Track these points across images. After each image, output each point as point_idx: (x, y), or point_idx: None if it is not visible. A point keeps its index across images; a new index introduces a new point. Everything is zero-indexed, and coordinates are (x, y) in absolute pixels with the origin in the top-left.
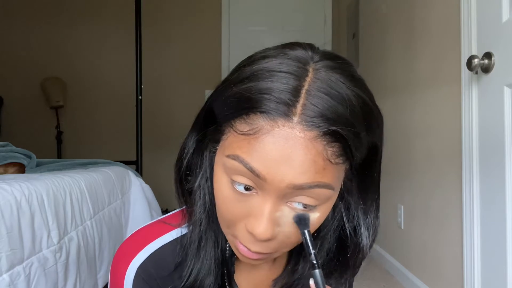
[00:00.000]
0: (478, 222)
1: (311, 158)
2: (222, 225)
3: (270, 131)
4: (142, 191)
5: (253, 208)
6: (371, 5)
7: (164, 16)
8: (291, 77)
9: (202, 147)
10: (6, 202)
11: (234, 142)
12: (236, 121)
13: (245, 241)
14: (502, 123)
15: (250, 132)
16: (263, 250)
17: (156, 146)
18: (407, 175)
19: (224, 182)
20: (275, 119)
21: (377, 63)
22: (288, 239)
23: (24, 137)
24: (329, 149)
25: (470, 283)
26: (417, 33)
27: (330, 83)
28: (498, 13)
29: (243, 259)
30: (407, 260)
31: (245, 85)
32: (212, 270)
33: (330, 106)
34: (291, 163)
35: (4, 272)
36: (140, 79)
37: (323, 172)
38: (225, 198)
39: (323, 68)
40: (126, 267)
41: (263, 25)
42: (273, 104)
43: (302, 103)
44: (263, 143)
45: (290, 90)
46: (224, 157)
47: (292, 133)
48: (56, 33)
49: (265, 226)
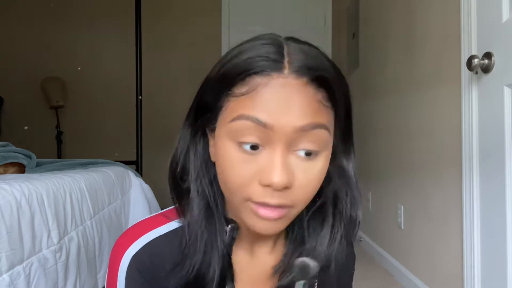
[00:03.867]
0: (478, 222)
1: (307, 101)
2: (233, 193)
3: (268, 84)
4: (142, 191)
5: (263, 162)
6: (371, 5)
7: (164, 16)
8: (271, 45)
9: (194, 144)
10: (6, 202)
11: (235, 106)
12: (233, 89)
13: (263, 197)
14: (502, 123)
15: (250, 89)
16: (282, 201)
17: (156, 146)
18: (407, 175)
19: (231, 148)
20: (269, 74)
21: (377, 63)
22: (303, 188)
23: (24, 137)
24: (318, 93)
25: (470, 283)
26: (417, 33)
27: (302, 47)
28: (498, 13)
29: (262, 226)
30: (407, 260)
31: (232, 60)
32: (215, 263)
33: (310, 60)
34: (291, 108)
35: (4, 272)
36: (140, 79)
37: (318, 113)
38: (235, 162)
39: (292, 41)
40: (121, 256)
41: (263, 25)
42: (265, 63)
43: (287, 60)
44: (263, 94)
45: (274, 52)
46: (227, 124)
47: (286, 82)
48: (56, 33)
49: (280, 172)
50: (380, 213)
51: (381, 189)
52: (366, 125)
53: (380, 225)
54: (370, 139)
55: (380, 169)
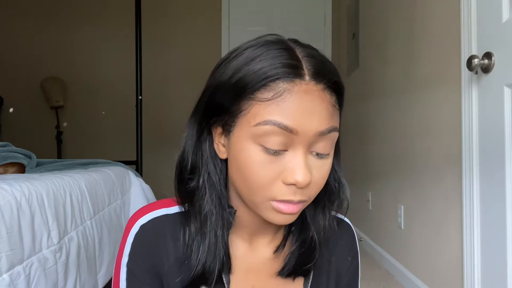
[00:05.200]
0: (478, 222)
1: (326, 107)
2: (255, 192)
3: (292, 90)
4: (142, 191)
5: (287, 163)
6: (371, 5)
7: (164, 16)
8: (285, 51)
9: (200, 143)
10: (6, 202)
11: (260, 110)
12: (256, 93)
13: (286, 195)
14: (502, 123)
15: (276, 95)
16: (303, 197)
17: (156, 146)
18: (407, 175)
19: (255, 150)
20: (293, 80)
21: (377, 63)
22: (317, 184)
23: (24, 137)
24: (332, 97)
25: (470, 283)
26: (417, 33)
27: (308, 51)
28: (498, 13)
29: (282, 219)
30: (407, 260)
31: (251, 65)
32: (218, 257)
33: (322, 65)
34: (314, 113)
35: (4, 272)
36: (140, 79)
37: (334, 117)
38: (258, 164)
39: (296, 44)
40: (132, 225)
41: (263, 25)
42: (286, 69)
43: (304, 65)
44: (289, 101)
45: (292, 58)
46: (251, 128)
47: (309, 88)
48: (56, 33)
49: (304, 172)
50: (380, 213)
51: (381, 189)
52: (366, 125)
53: (380, 225)
54: (370, 139)
55: (380, 169)
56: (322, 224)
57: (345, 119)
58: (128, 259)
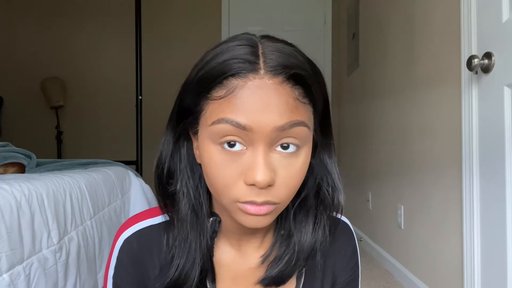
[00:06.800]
0: (478, 222)
1: (284, 100)
2: (220, 194)
3: (245, 86)
4: (142, 191)
5: (246, 162)
6: (371, 5)
7: (164, 16)
8: (246, 46)
9: (178, 148)
10: (6, 202)
11: (214, 109)
12: (212, 92)
13: (249, 196)
14: (502, 123)
15: (228, 92)
16: (268, 198)
17: (156, 146)
18: (407, 175)
19: (214, 150)
20: (246, 75)
21: (377, 63)
22: (286, 185)
23: (24, 137)
24: (295, 91)
25: (470, 283)
26: (417, 33)
27: (277, 46)
28: (498, 13)
29: (252, 221)
30: (407, 260)
31: (210, 63)
32: (197, 264)
33: (284, 58)
34: (270, 108)
35: (4, 272)
36: (140, 79)
37: (296, 111)
38: (218, 163)
39: (267, 40)
40: (118, 238)
41: (263, 25)
42: (241, 65)
43: (262, 60)
44: (241, 97)
45: (249, 53)
46: (208, 127)
47: (263, 82)
48: (56, 33)
49: (263, 171)
50: (380, 213)
51: (381, 189)
52: (366, 125)
53: (380, 225)
54: (370, 138)
55: (380, 169)
56: (311, 232)
57: (345, 119)
58: (114, 272)
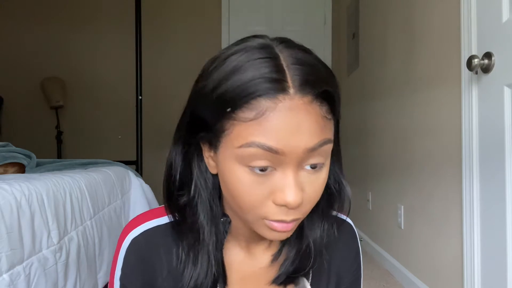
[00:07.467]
0: (478, 222)
1: (315, 120)
2: (246, 212)
3: (276, 108)
4: (142, 191)
5: (276, 183)
6: (371, 5)
7: (164, 16)
8: (269, 60)
9: (189, 158)
10: (6, 202)
11: (242, 131)
12: (238, 112)
13: (278, 215)
14: (502, 123)
15: (258, 115)
16: (296, 216)
17: (156, 146)
18: (407, 175)
19: (241, 171)
20: (275, 96)
21: (377, 63)
22: (311, 200)
23: (24, 137)
24: (323, 108)
25: (470, 283)
26: (417, 33)
27: (298, 56)
28: (498, 13)
29: (277, 236)
30: (407, 260)
31: (232, 79)
32: (211, 269)
33: (310, 74)
34: (301, 129)
35: (4, 272)
36: (140, 79)
37: (324, 129)
38: (246, 185)
39: (285, 48)
40: (124, 238)
41: (263, 25)
42: (269, 84)
43: (289, 77)
44: (273, 120)
45: (275, 70)
46: (235, 149)
47: (293, 103)
48: (56, 33)
49: (295, 193)
50: (380, 213)
51: (381, 189)
52: (366, 125)
53: (380, 225)
54: (370, 139)
55: (380, 169)
56: (320, 230)
57: (345, 119)
58: (121, 273)
